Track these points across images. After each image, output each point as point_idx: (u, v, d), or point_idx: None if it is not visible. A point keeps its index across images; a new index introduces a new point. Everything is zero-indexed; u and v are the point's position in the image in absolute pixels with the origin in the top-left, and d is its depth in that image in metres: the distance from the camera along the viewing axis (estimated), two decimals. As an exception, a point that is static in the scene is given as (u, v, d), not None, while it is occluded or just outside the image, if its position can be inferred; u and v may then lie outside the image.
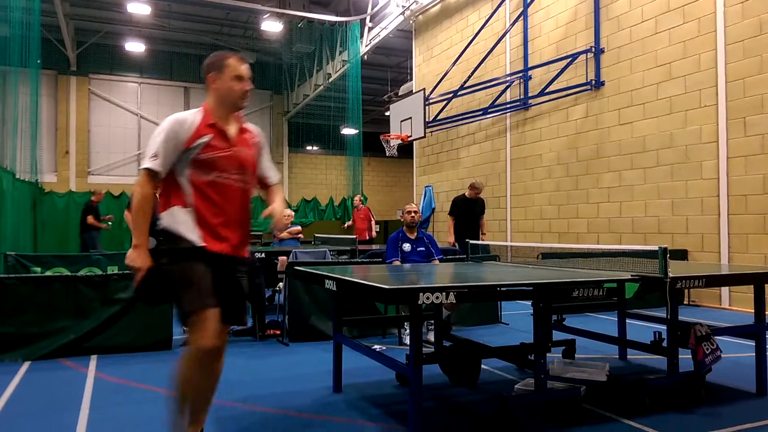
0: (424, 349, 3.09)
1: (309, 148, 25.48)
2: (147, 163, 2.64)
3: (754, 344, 4.07)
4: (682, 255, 8.54)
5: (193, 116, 2.76)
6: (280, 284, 6.83)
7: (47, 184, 18.82)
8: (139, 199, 2.65)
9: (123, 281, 5.37)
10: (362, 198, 14.41)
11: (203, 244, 2.67)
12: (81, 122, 20.38)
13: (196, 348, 2.60)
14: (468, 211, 9.90)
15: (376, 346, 5.24)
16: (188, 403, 2.70)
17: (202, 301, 2.59)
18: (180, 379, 2.67)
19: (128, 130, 21.11)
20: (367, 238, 12.80)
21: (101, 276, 5.46)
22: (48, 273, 8.09)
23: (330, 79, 18.82)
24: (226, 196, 2.76)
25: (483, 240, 9.77)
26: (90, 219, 13.01)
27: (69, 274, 6.31)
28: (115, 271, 6.05)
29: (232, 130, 2.84)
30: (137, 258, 2.62)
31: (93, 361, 4.97)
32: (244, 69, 2.84)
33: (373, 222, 13.31)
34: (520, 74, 12.04)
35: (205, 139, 2.71)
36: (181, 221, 2.68)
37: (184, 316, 2.64)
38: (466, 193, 10.10)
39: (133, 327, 5.32)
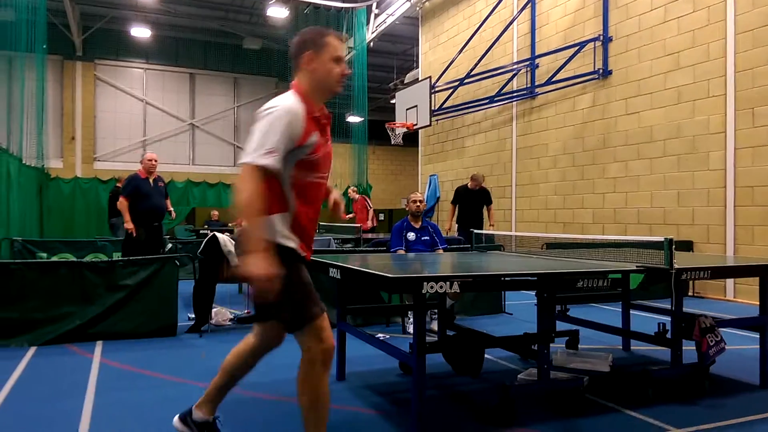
0: (427, 338, 3.09)
1: (314, 135, 25.44)
2: (263, 160, 2.22)
3: (758, 336, 4.06)
4: (687, 246, 8.51)
5: (298, 106, 2.36)
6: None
7: (53, 169, 18.85)
8: (255, 197, 2.20)
9: (128, 267, 5.39)
10: (356, 188, 14.17)
11: (303, 254, 2.44)
12: (87, 108, 20.38)
13: (325, 350, 2.44)
14: (468, 201, 9.88)
15: (380, 335, 5.25)
16: (324, 413, 2.46)
17: (320, 306, 2.45)
18: (317, 391, 2.44)
19: (134, 116, 21.10)
20: (369, 227, 12.73)
21: (107, 262, 5.48)
22: (54, 259, 8.14)
23: (336, 67, 18.73)
24: (319, 199, 2.53)
25: (490, 230, 9.76)
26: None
27: (74, 260, 6.35)
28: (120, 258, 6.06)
29: (323, 120, 2.49)
30: (263, 265, 2.18)
31: (98, 346, 5.00)
32: (344, 49, 2.53)
33: (371, 211, 13.12)
34: (527, 62, 11.95)
35: (314, 137, 2.39)
36: (277, 228, 2.36)
37: (302, 322, 2.40)
38: (468, 184, 10.08)
39: (138, 313, 5.34)
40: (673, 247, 3.39)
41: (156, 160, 7.39)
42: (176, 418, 2.76)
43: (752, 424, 3.23)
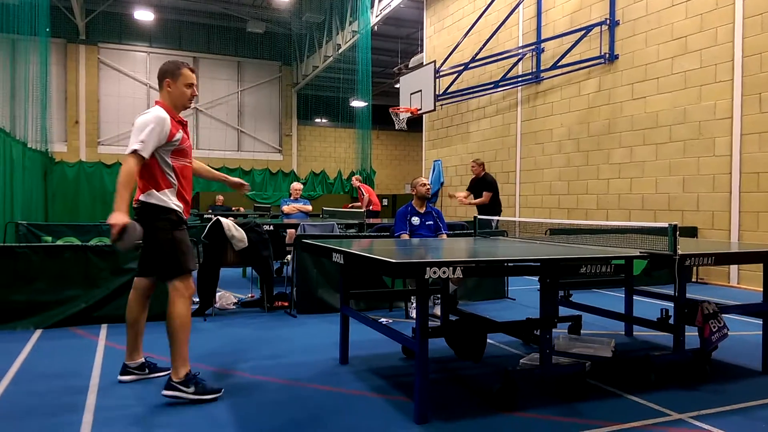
0: (430, 322, 3.10)
1: (318, 120, 25.36)
2: (136, 147, 3.19)
3: (761, 323, 4.06)
4: (691, 232, 8.49)
5: (165, 114, 3.32)
6: (288, 257, 6.86)
7: (57, 153, 18.89)
8: (126, 174, 3.17)
9: (133, 252, 5.41)
10: (360, 177, 13.87)
11: (185, 217, 3.48)
12: (90, 92, 20.35)
13: (191, 293, 3.37)
14: (473, 189, 9.78)
15: (383, 319, 5.28)
16: (186, 336, 3.31)
17: (194, 262, 3.45)
18: (184, 318, 3.29)
19: (137, 100, 21.07)
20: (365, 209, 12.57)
21: (111, 246, 5.49)
22: (59, 242, 8.17)
23: (340, 50, 18.63)
24: (190, 177, 3.56)
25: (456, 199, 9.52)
26: None
27: (79, 243, 6.37)
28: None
29: (183, 122, 3.50)
30: (119, 218, 3.07)
31: (103, 329, 5.04)
32: (194, 77, 3.52)
33: (372, 196, 12.87)
34: (533, 47, 11.86)
35: (180, 134, 3.37)
36: (168, 198, 3.35)
37: (180, 271, 3.31)
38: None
39: (142, 297, 5.37)
40: (677, 233, 3.39)
41: None
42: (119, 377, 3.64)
43: (753, 410, 3.24)
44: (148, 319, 5.37)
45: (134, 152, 3.18)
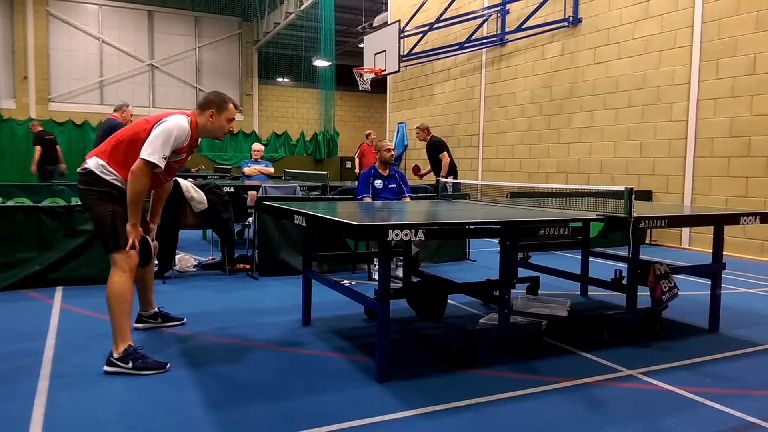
0: (392, 284, 3.13)
1: (280, 80, 24.81)
2: (156, 161, 3.15)
3: (710, 283, 4.23)
4: (647, 196, 8.73)
5: (188, 131, 3.29)
6: (250, 219, 6.78)
7: (5, 110, 18.07)
8: (143, 190, 3.19)
9: (86, 213, 5.26)
10: (369, 133, 13.20)
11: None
12: (39, 46, 19.38)
13: (131, 266, 3.26)
14: (428, 154, 9.76)
15: (346, 281, 5.30)
16: (127, 307, 3.24)
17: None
18: (124, 289, 3.21)
19: (90, 56, 20.18)
20: None
21: (65, 207, 5.33)
22: (9, 203, 7.88)
23: (302, 7, 18.13)
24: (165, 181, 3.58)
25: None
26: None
27: (31, 204, 6.16)
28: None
29: (194, 147, 3.48)
30: (136, 233, 3.24)
31: (59, 292, 4.93)
32: (236, 114, 3.54)
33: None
34: (498, 8, 11.77)
35: (182, 155, 3.39)
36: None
37: (117, 246, 3.20)
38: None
39: (99, 259, 5.24)
40: (633, 196, 3.47)
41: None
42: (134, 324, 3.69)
43: (701, 365, 3.40)
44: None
45: (151, 164, 3.13)
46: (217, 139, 3.53)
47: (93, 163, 3.25)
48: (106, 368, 3.12)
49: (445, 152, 9.37)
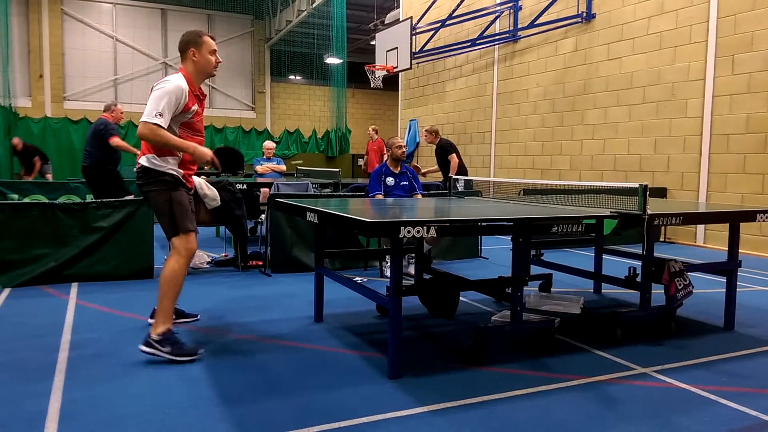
0: (404, 281, 3.13)
1: (292, 77, 24.85)
2: (155, 120, 3.21)
3: (725, 281, 4.19)
4: (661, 193, 8.65)
5: (185, 85, 3.34)
6: (263, 216, 6.81)
7: (21, 109, 18.26)
8: (161, 137, 3.26)
9: (102, 209, 5.32)
10: (377, 128, 13.18)
11: (186, 182, 3.52)
12: (54, 44, 19.56)
13: (189, 252, 3.40)
14: (437, 156, 9.66)
15: (358, 278, 5.31)
16: (178, 290, 3.39)
17: (193, 224, 3.46)
18: (178, 273, 3.35)
19: (104, 54, 20.33)
20: None
21: (80, 204, 5.38)
22: (26, 200, 7.98)
23: (314, 5, 18.14)
24: None
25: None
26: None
27: (47, 201, 6.23)
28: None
29: (201, 96, 3.53)
30: (204, 151, 3.41)
31: (74, 288, 4.98)
32: (215, 44, 3.56)
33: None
34: (510, 4, 11.71)
35: (195, 108, 3.42)
36: (170, 164, 3.40)
37: (176, 231, 3.36)
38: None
39: (113, 256, 5.31)
40: (647, 193, 3.44)
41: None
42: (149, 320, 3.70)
43: (716, 364, 3.37)
44: (132, 276, 5.33)
45: (150, 124, 3.21)
46: (210, 75, 3.54)
47: (144, 159, 3.40)
48: (142, 348, 3.24)
49: (454, 154, 9.27)
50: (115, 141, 7.24)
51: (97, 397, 2.75)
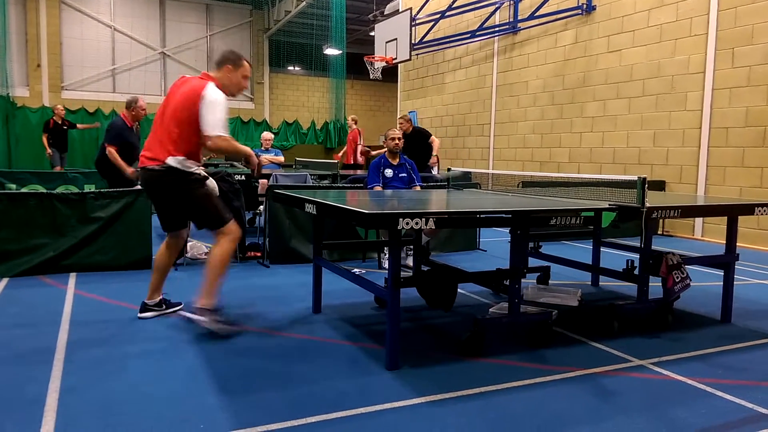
0: (402, 273, 3.13)
1: (291, 68, 24.76)
2: (226, 133, 3.52)
3: (722, 274, 4.20)
4: (660, 186, 8.65)
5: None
6: (261, 207, 6.80)
7: (19, 98, 18.19)
8: (234, 146, 3.71)
9: (100, 200, 5.31)
10: (355, 118, 13.03)
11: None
12: (52, 34, 19.45)
13: (237, 236, 3.78)
14: (411, 143, 9.55)
15: (356, 270, 5.31)
16: (224, 272, 3.66)
17: (228, 214, 3.78)
18: (226, 256, 3.66)
19: (102, 44, 20.23)
20: (352, 162, 12.14)
21: (78, 194, 5.37)
22: (24, 190, 7.96)
23: (313, -5, 18.06)
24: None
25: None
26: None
27: (45, 191, 6.22)
28: (92, 190, 5.94)
29: None
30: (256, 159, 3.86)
31: (72, 278, 4.98)
32: (251, 71, 3.84)
33: (360, 147, 12.14)
34: (510, -4, 11.65)
35: None
36: (193, 166, 3.64)
37: (222, 222, 3.71)
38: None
39: (112, 246, 5.31)
40: (646, 186, 3.44)
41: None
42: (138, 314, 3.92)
43: (712, 356, 3.38)
44: (131, 266, 5.34)
45: (224, 137, 3.50)
46: (233, 95, 3.71)
47: (173, 160, 3.53)
48: (185, 313, 3.78)
49: (433, 137, 9.06)
50: (111, 152, 6.42)
51: (95, 387, 2.75)
